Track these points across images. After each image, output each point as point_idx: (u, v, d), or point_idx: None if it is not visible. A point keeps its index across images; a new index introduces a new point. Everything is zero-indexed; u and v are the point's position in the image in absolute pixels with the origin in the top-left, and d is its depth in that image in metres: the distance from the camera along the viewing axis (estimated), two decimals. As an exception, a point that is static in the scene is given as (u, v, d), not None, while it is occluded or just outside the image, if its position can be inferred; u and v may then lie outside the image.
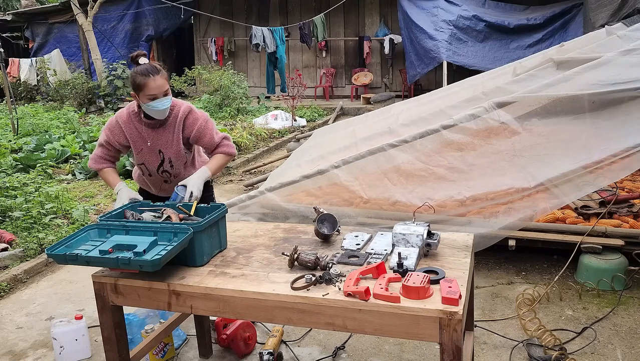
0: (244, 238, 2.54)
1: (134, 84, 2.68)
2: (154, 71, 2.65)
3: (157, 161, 2.88)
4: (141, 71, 2.64)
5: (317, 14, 13.44)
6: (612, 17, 7.19)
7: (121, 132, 2.85)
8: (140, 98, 2.69)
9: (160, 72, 2.68)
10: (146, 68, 2.65)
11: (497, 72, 5.45)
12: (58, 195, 5.75)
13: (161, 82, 2.66)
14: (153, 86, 2.63)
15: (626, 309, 3.38)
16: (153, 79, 2.63)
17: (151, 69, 2.66)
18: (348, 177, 3.85)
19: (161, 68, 2.71)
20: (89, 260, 2.07)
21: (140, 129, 2.82)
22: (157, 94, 2.65)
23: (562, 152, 3.57)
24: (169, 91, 2.72)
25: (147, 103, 2.67)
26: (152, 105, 2.67)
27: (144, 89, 2.64)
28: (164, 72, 2.71)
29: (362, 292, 1.86)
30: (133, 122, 2.82)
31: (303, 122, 10.82)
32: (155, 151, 2.85)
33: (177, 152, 2.87)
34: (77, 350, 3.10)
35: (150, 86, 2.63)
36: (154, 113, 2.73)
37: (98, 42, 14.13)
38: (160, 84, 2.65)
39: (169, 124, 2.83)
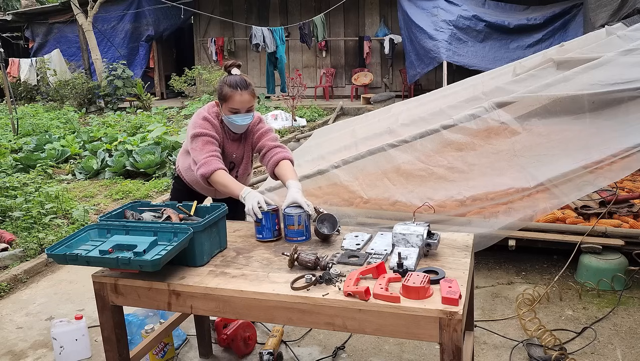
0: (244, 238, 2.54)
1: (220, 94, 2.65)
2: (243, 85, 2.62)
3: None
4: (231, 82, 2.62)
5: (317, 14, 13.44)
6: (612, 17, 7.19)
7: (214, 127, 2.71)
8: (223, 109, 2.68)
9: (249, 87, 2.65)
10: (236, 81, 2.62)
11: (497, 72, 5.46)
12: (58, 195, 5.75)
13: (247, 98, 2.63)
14: (239, 100, 2.61)
15: (626, 309, 3.39)
16: (240, 93, 2.60)
17: (241, 82, 2.62)
18: (348, 177, 3.85)
19: (251, 84, 2.68)
20: (89, 260, 2.07)
21: (221, 134, 2.77)
22: (240, 109, 2.64)
23: (562, 152, 3.58)
24: (253, 108, 2.70)
25: (229, 116, 2.66)
26: (233, 118, 2.66)
27: (229, 101, 2.62)
28: (252, 89, 2.67)
29: (362, 292, 1.86)
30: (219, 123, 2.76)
31: (303, 122, 10.82)
32: (227, 161, 2.81)
33: (246, 165, 2.89)
34: (77, 350, 3.10)
35: (236, 99, 2.61)
36: (232, 127, 2.71)
37: (98, 42, 14.14)
38: (247, 99, 2.63)
39: (244, 137, 2.83)
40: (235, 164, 2.87)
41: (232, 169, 2.86)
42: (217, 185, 2.62)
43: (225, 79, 2.66)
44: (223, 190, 2.64)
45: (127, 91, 13.33)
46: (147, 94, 13.45)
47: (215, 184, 2.63)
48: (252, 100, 2.66)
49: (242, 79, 2.65)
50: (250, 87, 2.66)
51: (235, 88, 2.60)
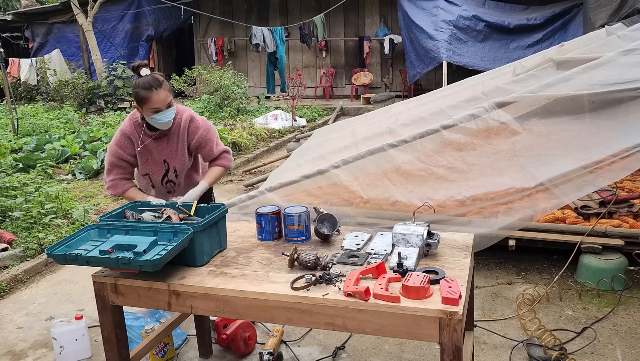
0: (244, 238, 2.54)
1: (137, 98, 2.65)
2: (156, 84, 2.61)
3: (162, 171, 2.87)
4: (143, 84, 2.61)
5: (317, 14, 13.44)
6: (612, 17, 7.19)
7: (130, 144, 2.81)
8: (143, 111, 2.68)
9: (163, 84, 2.64)
10: (148, 81, 2.61)
11: (497, 72, 5.46)
12: (58, 195, 5.75)
13: (164, 95, 2.63)
14: (156, 99, 2.62)
15: (626, 309, 3.38)
16: (156, 92, 2.60)
17: (153, 82, 2.61)
18: (348, 177, 3.85)
19: (163, 79, 2.67)
20: (89, 260, 2.07)
21: (145, 140, 2.80)
22: (160, 107, 2.64)
23: (562, 152, 3.58)
24: (172, 102, 2.70)
25: (151, 116, 2.67)
26: (157, 118, 2.67)
27: (147, 102, 2.62)
28: (166, 84, 2.67)
29: (362, 292, 1.86)
30: (138, 132, 2.80)
31: (303, 122, 10.82)
32: (160, 161, 2.84)
33: (182, 162, 2.89)
34: (77, 350, 3.10)
35: (154, 99, 2.61)
36: (158, 125, 2.72)
37: (98, 42, 14.13)
38: (163, 97, 2.63)
39: (172, 133, 2.83)
40: (168, 163, 2.86)
41: (169, 169, 2.88)
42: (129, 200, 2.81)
43: (138, 82, 2.63)
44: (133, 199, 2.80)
45: (127, 91, 13.32)
46: (147, 94, 13.44)
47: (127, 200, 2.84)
48: (168, 96, 2.66)
49: (154, 77, 2.63)
50: (163, 83, 2.64)
51: (150, 89, 2.60)
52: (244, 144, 8.66)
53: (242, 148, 8.63)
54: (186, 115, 2.85)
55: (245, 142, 8.68)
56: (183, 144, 2.85)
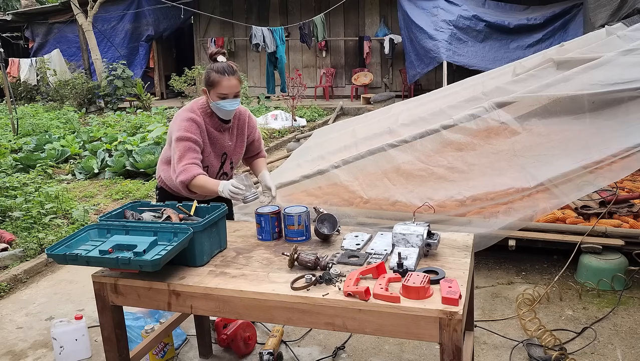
0: (244, 238, 2.54)
1: (207, 80, 2.67)
2: (230, 70, 2.65)
3: (219, 163, 2.86)
4: (217, 68, 2.64)
5: (317, 14, 13.44)
6: (612, 17, 7.19)
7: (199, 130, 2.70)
8: (210, 95, 2.69)
9: (236, 73, 2.69)
10: (223, 67, 2.65)
11: (497, 72, 5.46)
12: (58, 195, 5.75)
13: (235, 82, 2.65)
14: (227, 85, 2.63)
15: (626, 309, 3.39)
16: (228, 78, 2.63)
17: (228, 68, 2.65)
18: (348, 177, 3.85)
19: (237, 69, 2.71)
20: (89, 260, 2.07)
21: (208, 129, 2.76)
22: (228, 94, 2.66)
23: (562, 152, 3.58)
24: (239, 94, 2.72)
25: (217, 102, 2.67)
26: (221, 104, 2.67)
27: (217, 87, 2.64)
28: (239, 74, 2.72)
29: (362, 292, 1.86)
30: (205, 121, 2.74)
31: (303, 122, 10.82)
32: (219, 153, 2.83)
33: (239, 155, 2.94)
34: (77, 350, 3.10)
35: (224, 84, 2.63)
36: (221, 113, 2.73)
37: (98, 42, 14.13)
38: (234, 84, 2.65)
39: (233, 126, 2.85)
40: (227, 154, 2.87)
41: (225, 161, 2.87)
42: (197, 188, 2.64)
43: (212, 65, 2.67)
44: (203, 192, 2.67)
45: (127, 91, 13.32)
46: (147, 94, 13.45)
47: (195, 188, 2.65)
48: (239, 85, 2.68)
49: (229, 65, 2.67)
50: (236, 72, 2.69)
51: (223, 74, 2.63)
52: (244, 144, 8.65)
53: (242, 148, 8.61)
54: (243, 110, 2.93)
55: (245, 142, 8.67)
56: (243, 137, 2.91)
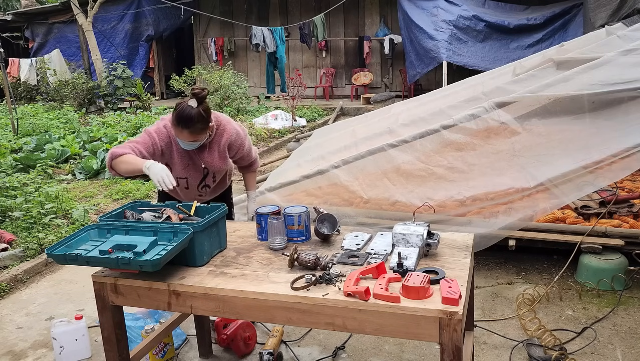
0: (244, 238, 2.54)
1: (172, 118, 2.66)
2: (185, 124, 2.58)
3: (200, 176, 2.89)
4: (177, 114, 2.59)
5: (317, 14, 13.43)
6: (612, 17, 7.19)
7: (168, 140, 2.76)
8: None
9: (192, 126, 2.59)
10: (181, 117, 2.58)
11: (497, 72, 5.46)
12: (58, 195, 5.75)
13: (187, 135, 2.62)
14: (179, 134, 2.65)
15: (626, 309, 3.39)
16: (180, 130, 2.61)
17: (184, 120, 2.57)
18: (348, 177, 3.85)
19: (197, 120, 2.59)
20: (89, 260, 2.07)
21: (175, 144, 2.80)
22: (183, 139, 2.67)
23: (562, 152, 3.58)
24: (198, 140, 2.68)
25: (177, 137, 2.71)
26: (179, 141, 2.71)
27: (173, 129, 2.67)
28: (197, 127, 2.61)
29: (362, 292, 1.86)
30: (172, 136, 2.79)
31: (303, 122, 10.82)
32: (200, 167, 2.85)
33: (221, 169, 2.94)
34: (77, 350, 3.10)
35: (177, 133, 2.66)
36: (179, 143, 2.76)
37: (98, 42, 14.12)
38: (186, 136, 2.63)
39: (214, 143, 2.84)
40: (208, 169, 2.88)
41: (207, 174, 2.90)
42: (122, 164, 2.59)
43: (179, 108, 2.59)
44: (128, 168, 2.59)
45: (127, 91, 13.31)
46: (147, 94, 13.45)
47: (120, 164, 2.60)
48: (192, 137, 2.64)
49: (189, 116, 2.56)
50: (193, 125, 2.59)
51: (177, 124, 2.60)
52: (244, 144, 8.65)
53: (242, 148, 8.61)
54: (230, 128, 2.87)
55: (245, 142, 8.67)
56: (224, 154, 2.89)
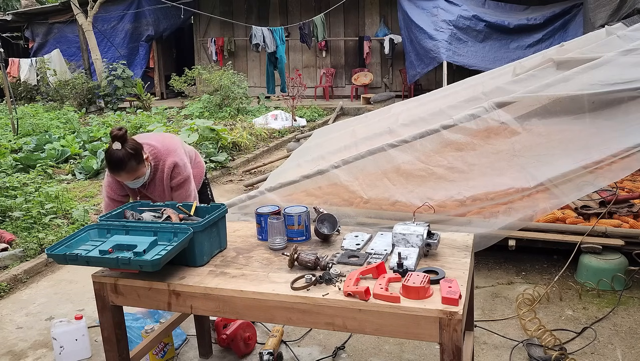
0: (244, 238, 2.54)
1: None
2: (119, 166, 2.64)
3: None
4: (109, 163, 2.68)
5: (317, 14, 13.44)
6: (612, 17, 7.19)
7: (119, 185, 2.97)
8: None
9: (125, 167, 2.65)
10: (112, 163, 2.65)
11: (497, 72, 5.46)
12: (58, 195, 5.75)
13: (125, 176, 2.72)
14: (120, 178, 2.77)
15: (626, 309, 3.39)
16: (118, 174, 2.71)
17: (116, 164, 2.64)
18: (348, 177, 3.85)
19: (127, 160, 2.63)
20: (89, 260, 2.07)
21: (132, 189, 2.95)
22: (126, 180, 2.77)
23: (562, 152, 3.58)
24: (140, 175, 2.76)
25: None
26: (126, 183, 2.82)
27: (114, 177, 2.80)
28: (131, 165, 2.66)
29: (362, 292, 1.86)
30: None
31: (303, 122, 10.82)
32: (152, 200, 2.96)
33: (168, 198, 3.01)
34: (77, 350, 3.10)
35: (118, 178, 2.78)
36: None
37: (98, 42, 14.13)
38: (125, 178, 2.73)
39: (157, 178, 2.93)
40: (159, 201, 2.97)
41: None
42: None
43: (106, 154, 2.68)
44: None
45: (127, 91, 13.32)
46: (147, 94, 13.45)
47: None
48: (131, 175, 2.71)
49: (118, 158, 2.62)
50: (126, 166, 2.64)
51: (112, 170, 2.71)
52: (244, 144, 8.66)
53: (242, 148, 8.63)
54: (169, 162, 2.91)
55: (245, 142, 8.68)
56: (168, 187, 2.98)
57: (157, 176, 2.92)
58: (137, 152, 2.68)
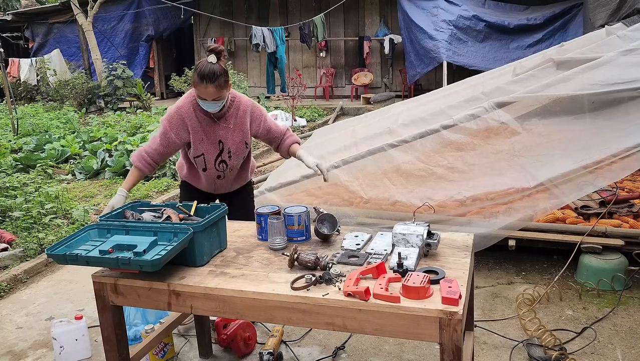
0: (244, 238, 2.54)
1: (193, 77, 2.70)
2: (210, 77, 2.61)
3: (216, 151, 2.88)
4: (200, 71, 2.63)
5: (317, 14, 13.43)
6: (611, 17, 7.19)
7: (181, 122, 2.81)
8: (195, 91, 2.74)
9: (217, 80, 2.63)
10: (204, 72, 2.61)
11: (497, 72, 5.46)
12: (58, 195, 5.75)
13: (212, 90, 2.64)
14: (203, 91, 2.66)
15: (626, 309, 3.39)
16: (205, 86, 2.62)
17: (208, 74, 2.61)
18: (348, 177, 3.85)
19: (222, 73, 2.65)
20: (89, 260, 2.07)
21: (201, 119, 2.82)
22: (206, 98, 2.68)
23: (562, 152, 3.58)
24: (222, 97, 2.70)
25: (198, 98, 2.73)
26: (201, 103, 2.73)
27: (196, 88, 2.68)
28: (221, 80, 2.64)
29: (362, 292, 1.86)
30: (195, 111, 2.81)
31: (303, 122, 10.82)
32: (215, 141, 2.85)
33: (238, 145, 2.90)
34: (77, 350, 3.10)
35: (201, 90, 2.66)
36: (202, 107, 2.77)
37: (98, 42, 14.13)
38: (210, 92, 2.64)
39: (230, 116, 2.84)
40: (223, 143, 2.87)
41: (223, 149, 2.89)
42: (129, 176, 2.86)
43: (199, 65, 2.65)
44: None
45: (127, 91, 13.31)
46: (147, 94, 13.44)
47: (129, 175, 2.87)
48: (218, 92, 2.66)
49: (212, 70, 2.62)
50: (218, 79, 2.63)
51: (202, 80, 2.62)
52: (244, 144, 8.64)
53: (242, 148, 8.61)
54: (245, 101, 2.91)
55: (245, 142, 8.66)
56: (243, 128, 2.89)
57: (230, 113, 2.85)
58: (227, 72, 2.70)
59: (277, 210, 2.51)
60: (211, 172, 2.93)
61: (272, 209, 2.52)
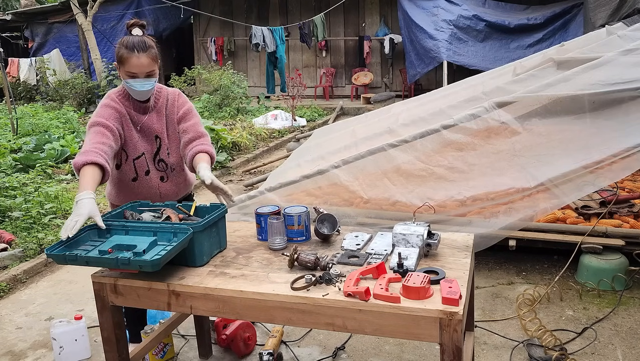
0: (244, 238, 2.54)
1: (117, 55, 2.43)
2: (141, 46, 2.38)
3: (153, 148, 2.64)
4: (128, 43, 2.39)
5: (317, 13, 13.43)
6: (612, 17, 7.18)
7: (116, 113, 2.52)
8: (121, 73, 2.47)
9: (149, 50, 2.40)
10: (133, 42, 2.38)
11: (497, 72, 5.45)
12: (57, 195, 5.75)
13: (146, 61, 2.40)
14: (136, 63, 2.40)
15: (627, 309, 3.38)
16: (137, 56, 2.38)
17: (139, 44, 2.38)
18: (348, 177, 3.84)
19: (152, 45, 2.43)
20: (89, 260, 2.06)
21: (130, 112, 2.55)
22: (137, 73, 2.42)
23: (562, 152, 3.57)
24: (154, 73, 2.46)
25: (127, 80, 2.44)
26: (131, 83, 2.44)
27: (126, 64, 2.41)
28: (153, 51, 2.43)
29: (362, 292, 1.85)
30: (122, 102, 2.55)
31: (303, 122, 10.82)
32: (151, 137, 2.61)
33: (175, 137, 2.66)
34: (76, 350, 3.09)
35: (133, 62, 2.39)
36: (133, 93, 2.50)
37: (98, 42, 14.12)
38: (144, 63, 2.40)
39: (160, 107, 2.61)
40: (160, 138, 2.64)
41: (161, 145, 2.64)
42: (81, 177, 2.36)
43: (124, 39, 2.41)
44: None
45: (127, 91, 13.31)
46: (147, 94, 13.43)
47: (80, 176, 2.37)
48: (152, 64, 2.42)
49: (142, 40, 2.40)
50: (150, 50, 2.41)
51: (132, 50, 2.37)
52: (244, 144, 8.66)
53: (242, 148, 8.62)
54: (173, 91, 2.69)
55: (245, 142, 8.68)
56: (172, 117, 2.63)
57: (161, 104, 2.61)
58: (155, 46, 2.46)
59: (277, 210, 2.51)
60: (152, 175, 2.67)
61: (272, 209, 2.51)
